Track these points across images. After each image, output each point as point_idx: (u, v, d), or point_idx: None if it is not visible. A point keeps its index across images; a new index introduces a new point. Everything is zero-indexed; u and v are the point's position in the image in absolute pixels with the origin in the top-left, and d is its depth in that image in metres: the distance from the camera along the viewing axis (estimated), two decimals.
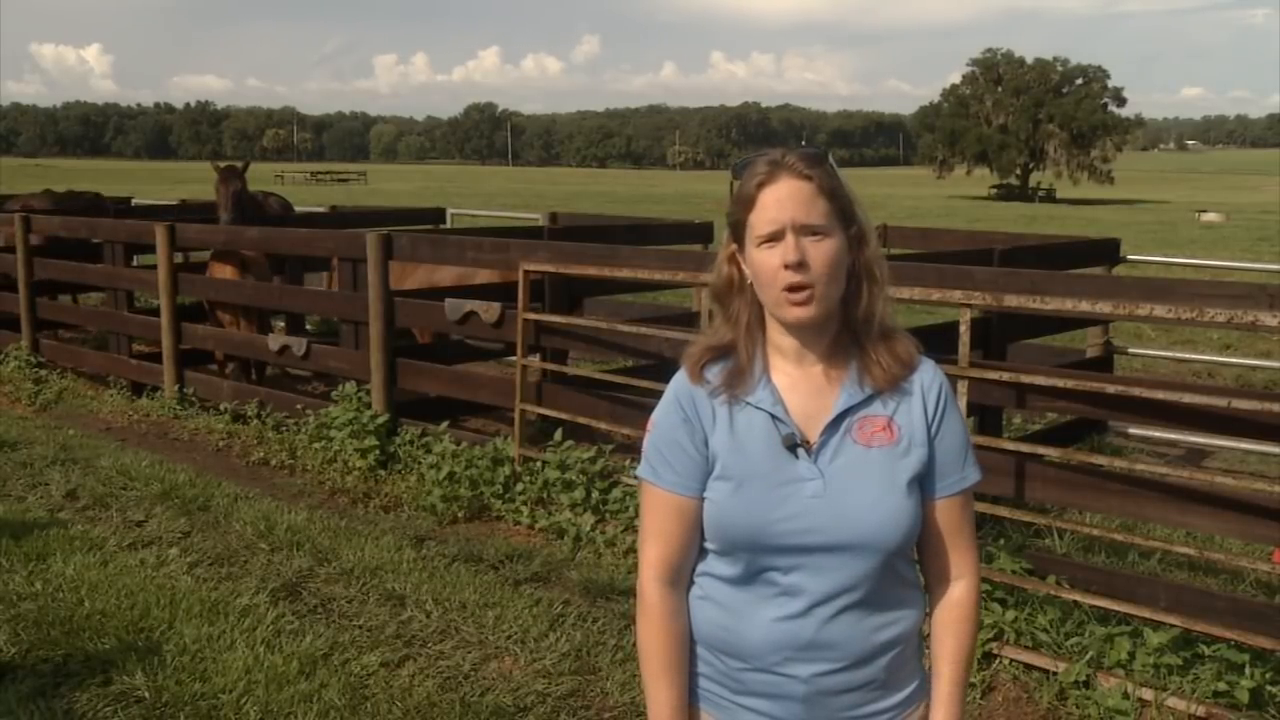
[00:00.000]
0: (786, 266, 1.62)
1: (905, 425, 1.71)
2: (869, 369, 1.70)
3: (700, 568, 1.78)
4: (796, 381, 1.72)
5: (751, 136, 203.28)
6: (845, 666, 1.69)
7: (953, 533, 1.76)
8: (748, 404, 1.71)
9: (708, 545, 1.77)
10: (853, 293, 1.70)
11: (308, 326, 10.45)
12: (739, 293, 1.74)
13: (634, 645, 4.26)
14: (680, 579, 1.77)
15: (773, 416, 1.69)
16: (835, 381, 1.71)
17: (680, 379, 1.78)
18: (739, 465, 1.69)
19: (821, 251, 1.63)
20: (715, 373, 1.74)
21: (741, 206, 1.67)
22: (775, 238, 1.63)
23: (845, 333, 1.72)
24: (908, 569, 1.76)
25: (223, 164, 8.71)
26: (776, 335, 1.72)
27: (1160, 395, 4.04)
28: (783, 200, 1.63)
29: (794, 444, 1.68)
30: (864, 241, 1.70)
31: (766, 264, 1.64)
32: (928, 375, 1.74)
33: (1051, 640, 4.04)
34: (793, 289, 1.63)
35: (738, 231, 1.70)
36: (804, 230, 1.62)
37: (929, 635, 1.83)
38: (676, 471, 1.74)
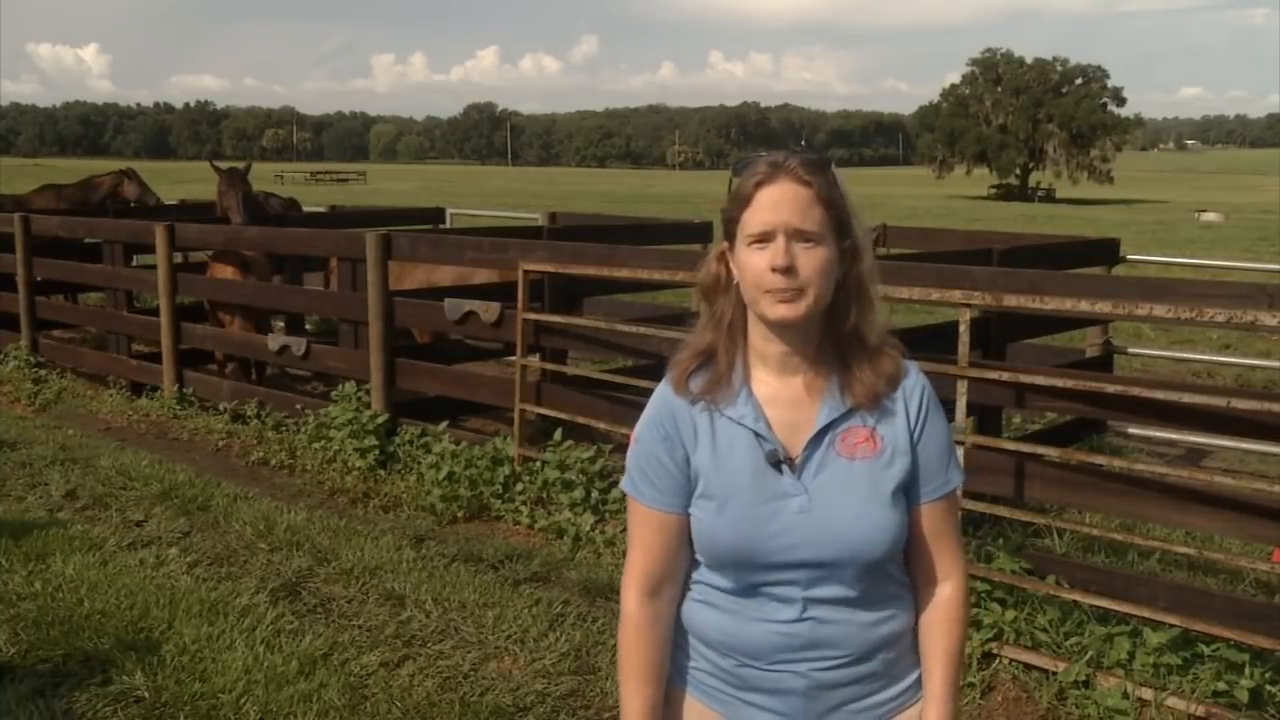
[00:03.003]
0: (774, 270, 1.60)
1: (888, 435, 1.70)
2: (850, 385, 1.69)
3: (696, 575, 1.79)
4: (777, 393, 1.70)
5: (751, 136, 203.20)
6: (844, 663, 1.71)
7: (938, 536, 1.75)
8: (729, 418, 1.70)
9: (699, 558, 1.77)
10: (840, 307, 1.67)
11: (307, 326, 10.45)
12: (724, 292, 1.72)
13: None
14: (661, 589, 1.78)
15: (754, 431, 1.68)
16: (816, 394, 1.70)
17: (664, 391, 1.76)
18: (722, 484, 1.69)
19: (812, 259, 1.61)
20: (698, 382, 1.72)
21: (737, 204, 1.65)
22: (766, 238, 1.61)
23: (829, 346, 1.70)
24: (898, 569, 1.77)
25: (224, 166, 8.69)
26: (760, 342, 1.70)
27: (1160, 395, 4.04)
28: (779, 202, 1.61)
29: (778, 461, 1.67)
30: (858, 256, 1.67)
31: (754, 264, 1.62)
32: (910, 381, 1.73)
33: (1051, 640, 4.04)
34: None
35: (730, 229, 1.68)
36: (796, 235, 1.61)
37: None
38: (657, 488, 1.74)
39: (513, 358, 6.29)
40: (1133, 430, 6.99)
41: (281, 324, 9.34)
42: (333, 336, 8.26)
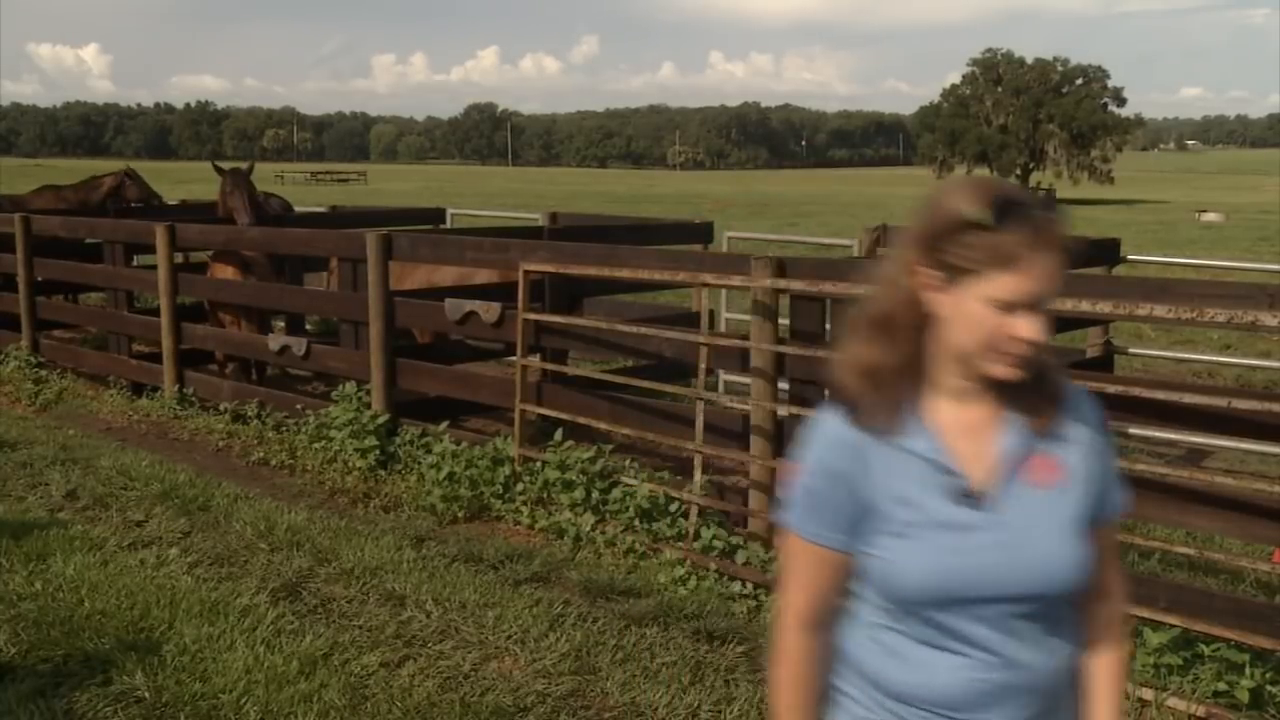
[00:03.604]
0: (1025, 341, 1.52)
1: (1070, 462, 1.63)
2: (1028, 411, 1.61)
3: (872, 618, 1.68)
4: (956, 422, 1.61)
5: (751, 136, 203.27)
6: (1038, 702, 1.64)
7: (1106, 559, 1.70)
8: (908, 450, 1.60)
9: (877, 600, 1.66)
10: None
11: (308, 327, 10.45)
12: (914, 324, 1.59)
13: (634, 645, 4.27)
14: (822, 625, 1.70)
15: (939, 465, 1.60)
16: (995, 421, 1.61)
17: (834, 422, 1.64)
18: (909, 520, 1.59)
19: (1047, 321, 1.55)
20: (872, 411, 1.61)
21: (991, 258, 1.50)
22: (1015, 307, 1.51)
23: None
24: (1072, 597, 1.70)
25: (227, 166, 8.68)
26: (945, 376, 1.61)
27: (1160, 395, 4.04)
28: (1043, 274, 1.51)
29: (967, 493, 1.59)
30: None
31: (990, 324, 1.52)
32: (1081, 404, 1.66)
33: None
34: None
35: (957, 270, 1.53)
36: (1044, 304, 1.53)
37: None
38: (827, 525, 1.64)
39: (513, 358, 6.30)
40: (1133, 430, 6.98)
41: (282, 324, 9.35)
42: (333, 337, 8.27)
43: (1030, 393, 1.60)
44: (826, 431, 1.65)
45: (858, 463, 1.61)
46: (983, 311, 1.52)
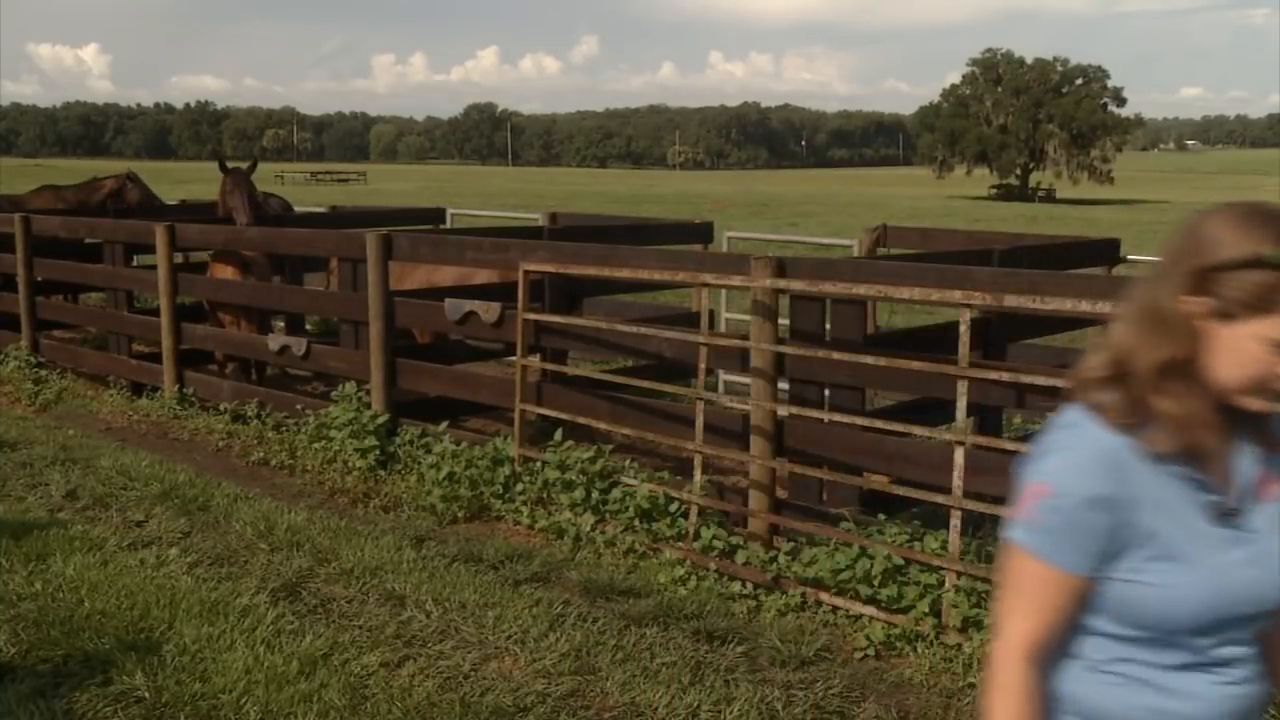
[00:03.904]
0: None
1: None
2: (1250, 431, 1.62)
3: (1111, 651, 1.62)
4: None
5: (751, 136, 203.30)
6: None
7: None
8: (1171, 471, 1.56)
9: (1120, 630, 1.60)
10: None
11: (307, 327, 10.45)
12: (1192, 368, 1.54)
13: (634, 645, 4.27)
14: (1048, 658, 1.63)
15: (1201, 484, 1.58)
16: (1226, 442, 1.60)
17: (1098, 439, 1.57)
18: (1179, 544, 1.55)
19: None
20: (1158, 441, 1.55)
21: None
22: None
23: None
24: None
25: (230, 165, 8.66)
26: None
27: None
28: None
29: (1226, 512, 1.57)
30: None
31: (1266, 363, 1.49)
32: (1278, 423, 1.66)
33: None
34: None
35: (1237, 304, 1.49)
36: None
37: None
38: (1074, 550, 1.56)
39: (513, 358, 6.30)
40: None
41: (282, 324, 9.35)
42: (333, 337, 8.27)
43: (1255, 416, 1.59)
44: (1088, 451, 1.57)
45: (1124, 485, 1.54)
46: (1259, 349, 1.49)
